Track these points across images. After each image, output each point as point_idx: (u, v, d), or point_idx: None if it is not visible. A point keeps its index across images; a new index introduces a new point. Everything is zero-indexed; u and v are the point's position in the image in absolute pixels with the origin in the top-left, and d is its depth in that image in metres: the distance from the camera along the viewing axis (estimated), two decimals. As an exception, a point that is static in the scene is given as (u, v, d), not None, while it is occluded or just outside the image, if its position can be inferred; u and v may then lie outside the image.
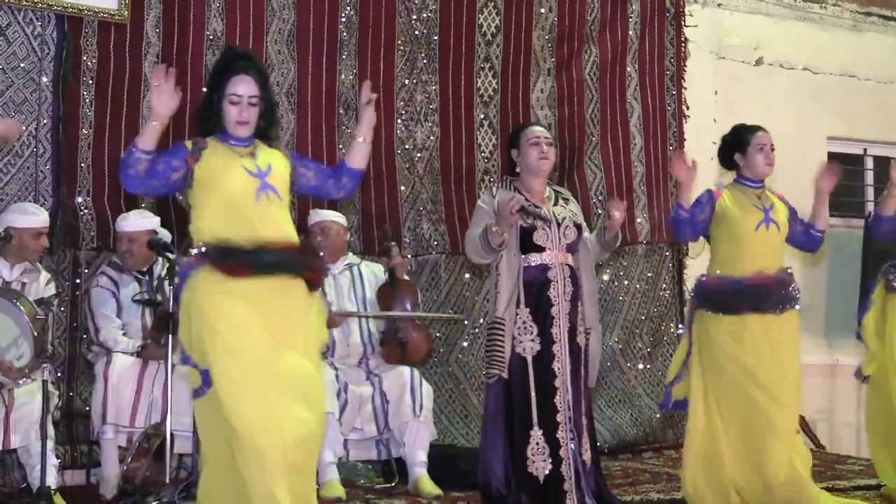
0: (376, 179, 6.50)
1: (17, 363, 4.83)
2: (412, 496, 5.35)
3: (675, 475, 6.10)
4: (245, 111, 3.83)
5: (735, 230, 4.91)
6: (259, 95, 3.85)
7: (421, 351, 5.75)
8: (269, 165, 3.85)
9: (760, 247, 4.92)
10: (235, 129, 3.85)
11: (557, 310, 4.58)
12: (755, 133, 5.02)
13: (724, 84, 7.77)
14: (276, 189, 3.83)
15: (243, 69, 3.85)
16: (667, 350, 7.26)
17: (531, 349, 4.56)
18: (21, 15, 5.66)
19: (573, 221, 4.67)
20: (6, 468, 5.33)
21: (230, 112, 3.83)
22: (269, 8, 6.26)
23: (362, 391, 5.53)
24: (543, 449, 4.53)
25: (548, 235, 4.60)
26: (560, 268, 4.60)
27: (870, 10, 8.34)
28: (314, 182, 4.04)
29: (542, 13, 6.99)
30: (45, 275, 5.22)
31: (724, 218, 4.94)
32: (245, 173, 3.80)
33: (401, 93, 6.61)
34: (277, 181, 3.86)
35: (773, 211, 4.97)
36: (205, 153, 3.80)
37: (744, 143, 5.02)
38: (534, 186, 4.70)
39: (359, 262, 5.93)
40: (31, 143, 5.66)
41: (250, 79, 3.84)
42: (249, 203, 3.77)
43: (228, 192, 3.77)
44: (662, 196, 7.31)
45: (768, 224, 4.93)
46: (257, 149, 3.90)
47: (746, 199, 4.97)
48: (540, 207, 4.63)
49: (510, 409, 4.55)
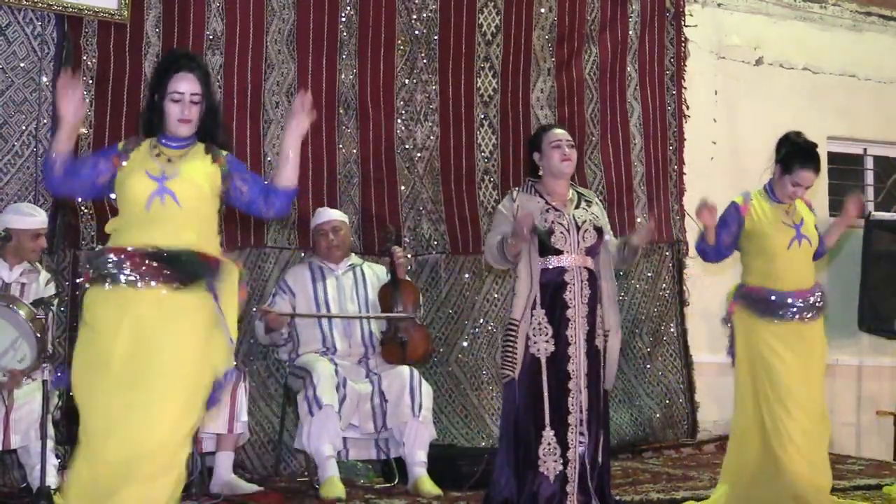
0: (376, 179, 6.50)
1: (19, 365, 4.83)
2: (412, 496, 5.35)
3: (675, 475, 6.11)
4: (187, 109, 3.68)
5: (767, 248, 4.85)
6: (201, 93, 3.70)
7: (420, 351, 5.75)
8: (178, 170, 3.67)
9: (793, 263, 4.85)
10: (177, 127, 3.70)
11: (573, 312, 4.60)
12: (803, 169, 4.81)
13: (724, 84, 7.77)
14: (175, 195, 3.62)
15: (185, 67, 3.71)
16: (667, 350, 7.27)
17: (545, 350, 4.58)
18: (21, 14, 5.66)
19: (593, 225, 4.68)
20: (6, 468, 5.33)
21: (172, 110, 3.69)
22: (269, 8, 6.26)
23: (361, 389, 5.53)
24: (555, 449, 4.55)
25: (566, 239, 4.61)
26: (578, 270, 4.62)
27: (870, 9, 8.33)
28: (246, 198, 3.81)
29: (542, 13, 6.99)
30: (44, 275, 5.22)
31: (755, 234, 4.86)
32: (144, 177, 3.64)
33: (401, 92, 6.61)
34: (183, 187, 3.65)
35: (803, 227, 4.89)
36: (132, 154, 3.70)
37: (789, 167, 4.84)
38: (556, 189, 4.71)
39: (361, 262, 5.93)
40: (31, 143, 5.66)
41: (192, 76, 3.69)
42: (139, 208, 3.62)
43: (126, 195, 3.66)
44: (662, 196, 7.31)
45: (800, 240, 4.85)
46: (190, 152, 3.74)
47: (776, 214, 4.88)
48: (560, 211, 4.63)
49: (523, 409, 4.56)
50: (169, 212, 3.62)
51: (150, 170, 3.66)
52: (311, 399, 5.31)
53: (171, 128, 3.72)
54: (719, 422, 7.33)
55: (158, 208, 3.62)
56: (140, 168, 3.67)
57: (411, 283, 5.88)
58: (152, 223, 3.62)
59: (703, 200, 4.81)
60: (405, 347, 5.64)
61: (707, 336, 7.40)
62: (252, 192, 3.81)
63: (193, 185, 3.68)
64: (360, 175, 6.47)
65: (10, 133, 5.63)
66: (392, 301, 5.69)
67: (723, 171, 7.58)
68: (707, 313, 7.44)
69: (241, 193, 3.81)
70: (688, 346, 7.34)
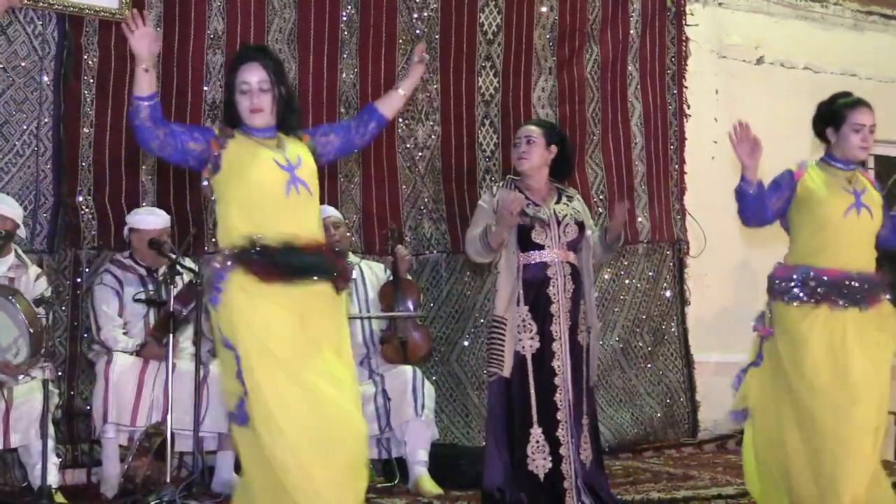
0: (377, 178, 6.50)
1: (15, 360, 4.83)
2: (413, 495, 5.35)
3: (676, 474, 6.11)
4: (256, 98, 3.68)
5: (819, 215, 4.28)
6: (271, 81, 3.70)
7: (421, 350, 5.76)
8: (299, 158, 3.72)
9: (849, 235, 4.28)
10: (251, 118, 3.70)
11: (557, 308, 4.58)
12: (854, 109, 4.41)
13: (725, 83, 7.77)
14: (306, 183, 3.69)
15: (252, 58, 3.73)
16: (667, 349, 7.27)
17: (531, 347, 4.57)
18: (22, 14, 5.65)
19: (574, 219, 4.67)
20: (7, 467, 5.33)
21: (242, 102, 3.70)
22: (271, 7, 6.26)
23: (364, 390, 5.52)
24: (543, 447, 4.54)
25: (547, 233, 4.60)
26: (560, 265, 4.61)
27: (871, 9, 8.33)
28: (338, 143, 3.90)
29: (543, 12, 6.99)
30: (34, 269, 5.18)
31: (807, 201, 4.31)
32: (275, 166, 3.65)
33: (401, 92, 6.60)
34: (307, 175, 3.72)
35: (864, 195, 4.36)
36: (231, 142, 3.69)
37: (839, 119, 4.40)
38: (532, 185, 4.70)
39: (359, 261, 5.93)
40: (32, 142, 5.66)
41: (258, 66, 3.70)
42: (279, 198, 3.63)
43: (258, 184, 3.64)
44: (663, 195, 7.31)
45: (859, 209, 4.29)
46: (283, 141, 3.77)
47: (835, 181, 4.35)
48: (539, 206, 4.63)
49: (510, 407, 4.56)
50: (303, 202, 3.68)
51: (276, 158, 3.68)
52: (312, 401, 5.30)
53: (246, 119, 3.72)
54: (720, 421, 7.33)
55: (294, 199, 3.65)
56: (260, 156, 3.66)
57: (412, 282, 5.89)
58: (289, 215, 3.64)
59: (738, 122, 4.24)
60: (405, 346, 5.65)
61: (708, 336, 7.41)
62: (341, 133, 3.92)
63: (312, 171, 3.76)
64: (360, 174, 6.47)
65: (12, 132, 5.62)
66: (393, 300, 5.69)
67: (723, 171, 7.56)
68: (708, 313, 7.46)
69: (332, 146, 3.90)
70: (689, 346, 7.34)
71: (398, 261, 5.71)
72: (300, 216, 3.67)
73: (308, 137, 3.84)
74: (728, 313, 7.50)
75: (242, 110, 3.71)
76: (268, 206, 3.63)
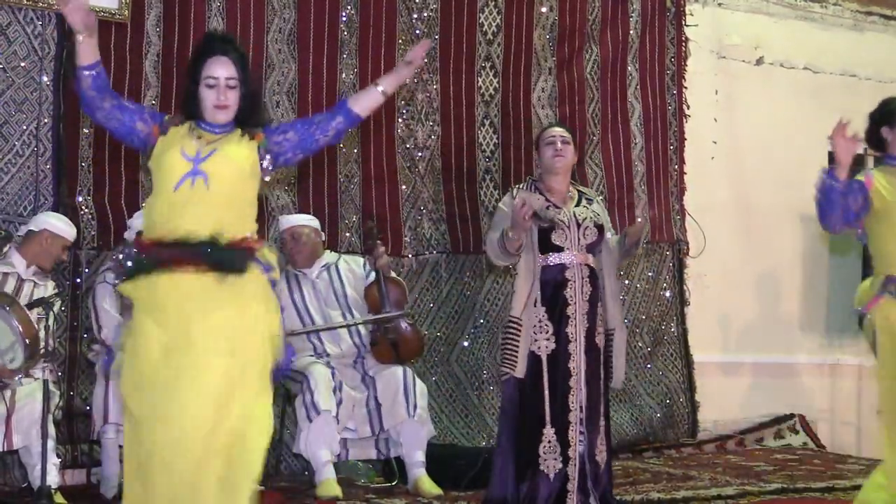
0: (377, 179, 6.50)
1: (10, 365, 4.84)
2: (412, 496, 5.35)
3: (676, 475, 6.12)
4: (223, 94, 3.52)
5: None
6: (238, 78, 3.54)
7: (413, 348, 5.71)
8: (214, 150, 3.52)
9: None
10: (214, 114, 3.55)
11: (574, 309, 4.59)
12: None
13: (725, 83, 7.77)
14: (207, 176, 3.47)
15: (220, 51, 3.55)
16: (667, 350, 7.27)
17: (546, 348, 4.58)
18: (21, 14, 5.65)
19: (594, 222, 4.67)
20: (7, 467, 5.33)
21: (207, 96, 3.53)
22: (270, 7, 6.26)
23: (356, 394, 5.51)
24: (555, 447, 4.55)
25: (566, 235, 4.61)
26: (578, 268, 4.61)
27: (870, 9, 8.33)
28: (296, 139, 3.63)
29: (543, 12, 6.99)
30: (51, 283, 5.27)
31: (885, 212, 4.20)
32: (179, 156, 3.49)
33: (402, 92, 6.59)
34: (220, 170, 3.50)
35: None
36: (171, 130, 3.56)
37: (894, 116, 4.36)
38: (554, 186, 4.71)
39: (336, 259, 5.85)
40: (32, 143, 5.66)
41: (228, 60, 3.53)
42: (169, 189, 3.47)
43: (159, 174, 3.54)
44: (663, 195, 7.32)
45: None
46: (228, 136, 3.58)
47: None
48: (560, 208, 4.63)
49: (523, 407, 4.57)
50: (198, 195, 3.47)
51: (185, 147, 3.52)
52: (308, 405, 5.29)
53: (208, 115, 3.56)
54: (720, 422, 7.34)
55: (187, 191, 3.46)
56: (177, 145, 3.53)
57: (396, 280, 5.77)
58: (180, 207, 3.47)
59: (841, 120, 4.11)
60: (397, 347, 5.60)
61: (707, 336, 7.41)
62: (298, 130, 3.65)
63: (230, 163, 3.53)
64: (360, 174, 6.47)
65: (11, 132, 5.62)
66: (379, 301, 5.65)
67: (723, 171, 7.59)
68: (707, 313, 7.46)
69: (290, 143, 3.64)
70: (688, 346, 7.34)
71: (378, 263, 5.60)
72: (192, 210, 3.47)
73: (262, 136, 3.64)
74: (727, 314, 7.51)
75: (206, 105, 3.56)
76: (164, 198, 3.52)
